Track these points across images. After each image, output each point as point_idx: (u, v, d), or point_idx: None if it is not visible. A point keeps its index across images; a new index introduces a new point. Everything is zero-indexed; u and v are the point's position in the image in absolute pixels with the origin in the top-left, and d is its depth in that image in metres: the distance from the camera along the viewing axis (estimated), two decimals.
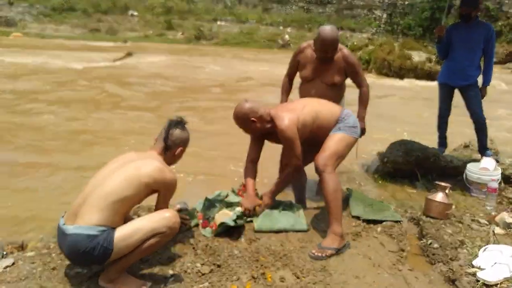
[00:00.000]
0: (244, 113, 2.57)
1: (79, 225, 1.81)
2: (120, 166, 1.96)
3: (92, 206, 1.83)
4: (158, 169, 1.95)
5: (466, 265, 2.20)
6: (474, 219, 2.83)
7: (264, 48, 20.51)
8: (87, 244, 1.77)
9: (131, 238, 1.83)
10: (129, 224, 1.89)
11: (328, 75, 3.11)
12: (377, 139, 5.06)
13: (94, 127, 5.72)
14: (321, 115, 2.67)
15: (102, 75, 10.06)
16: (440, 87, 4.27)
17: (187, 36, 21.99)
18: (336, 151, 2.57)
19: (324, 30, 2.96)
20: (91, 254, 1.79)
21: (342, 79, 3.15)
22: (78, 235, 1.79)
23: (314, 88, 3.14)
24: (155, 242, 1.87)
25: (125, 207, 1.91)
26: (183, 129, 2.15)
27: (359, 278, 2.15)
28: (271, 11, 24.92)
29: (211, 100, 8.16)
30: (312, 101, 2.84)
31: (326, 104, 2.81)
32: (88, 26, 22.72)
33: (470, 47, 3.92)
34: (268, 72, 11.69)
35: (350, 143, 2.67)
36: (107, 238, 1.80)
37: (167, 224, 1.88)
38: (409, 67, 12.81)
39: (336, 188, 2.47)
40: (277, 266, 2.17)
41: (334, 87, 3.14)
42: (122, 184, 1.87)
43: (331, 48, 2.98)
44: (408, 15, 21.97)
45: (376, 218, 2.80)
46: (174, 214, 1.96)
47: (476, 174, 3.51)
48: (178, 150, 2.13)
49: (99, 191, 1.86)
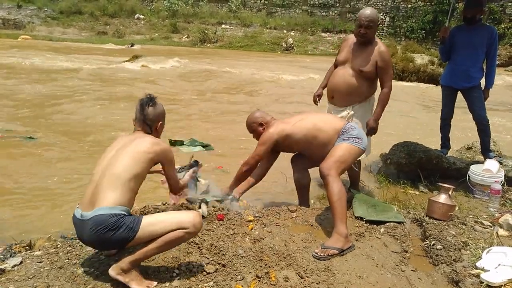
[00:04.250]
0: (254, 117, 3.01)
1: (99, 207, 1.86)
2: (121, 148, 2.04)
3: (107, 188, 1.90)
4: (155, 143, 2.08)
5: (470, 267, 2.20)
6: (478, 221, 2.84)
7: (268, 51, 20.57)
8: (113, 221, 1.83)
9: (156, 225, 1.90)
10: (156, 214, 2.00)
11: (358, 61, 3.16)
12: (380, 140, 5.08)
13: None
14: (318, 126, 2.83)
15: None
16: (443, 89, 4.28)
17: (192, 39, 22.11)
18: (340, 158, 2.62)
19: (364, 8, 3.21)
20: (115, 232, 1.83)
21: (371, 70, 3.14)
22: (102, 215, 1.84)
23: (341, 71, 3.23)
24: (176, 237, 1.92)
25: (137, 184, 1.99)
26: (155, 104, 2.21)
27: (362, 278, 2.16)
28: (275, 15, 25.01)
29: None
30: (312, 114, 3.02)
31: (328, 118, 2.97)
32: (95, 29, 22.91)
33: (473, 49, 3.94)
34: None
35: (355, 153, 2.70)
36: (135, 220, 1.87)
37: (192, 221, 1.94)
38: (411, 69, 12.89)
39: (340, 189, 2.51)
40: (281, 265, 2.19)
41: (361, 77, 3.16)
42: (131, 162, 1.96)
43: (366, 22, 3.06)
44: (411, 18, 21.97)
45: (379, 219, 2.82)
46: (199, 215, 2.03)
47: (479, 176, 3.52)
48: (158, 125, 2.22)
49: (110, 174, 1.93)
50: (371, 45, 3.14)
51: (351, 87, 3.17)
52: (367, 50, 3.13)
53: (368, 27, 3.07)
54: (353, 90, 3.17)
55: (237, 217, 2.73)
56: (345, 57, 3.24)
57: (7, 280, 1.98)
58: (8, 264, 2.13)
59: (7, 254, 2.25)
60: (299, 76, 12.48)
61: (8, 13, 22.73)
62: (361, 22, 3.07)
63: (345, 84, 3.19)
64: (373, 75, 3.17)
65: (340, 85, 3.22)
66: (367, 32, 3.09)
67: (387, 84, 3.19)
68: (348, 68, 3.20)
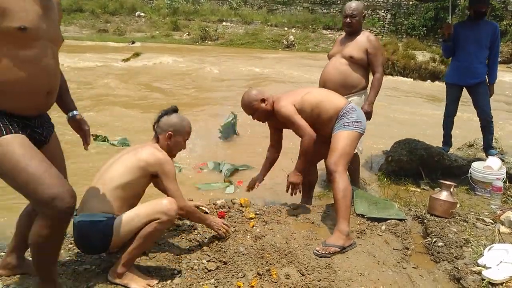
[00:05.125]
0: (253, 95, 2.76)
1: (83, 213, 1.90)
2: (119, 157, 2.06)
3: (93, 194, 1.93)
4: (152, 152, 2.04)
5: (471, 264, 2.20)
6: (479, 218, 2.83)
7: (269, 48, 20.52)
8: (89, 230, 1.86)
9: (128, 224, 1.89)
10: (128, 212, 1.94)
11: (348, 49, 3.26)
12: (382, 137, 5.07)
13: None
14: (322, 104, 2.73)
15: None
16: (448, 87, 4.25)
17: (193, 37, 22.06)
18: (344, 151, 2.60)
19: (350, 1, 3.36)
20: (92, 240, 1.87)
21: (361, 57, 3.22)
22: (83, 222, 1.88)
23: (333, 61, 3.33)
24: (153, 229, 1.90)
25: (126, 193, 1.96)
26: (170, 115, 2.19)
27: (363, 276, 2.16)
28: (276, 12, 24.90)
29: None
30: (317, 89, 2.94)
31: (331, 94, 2.85)
32: (96, 27, 22.88)
33: (478, 45, 3.92)
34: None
35: (355, 139, 2.68)
36: (107, 224, 1.87)
37: (162, 210, 1.90)
38: (413, 67, 12.85)
39: (346, 187, 2.50)
40: (282, 263, 2.19)
41: (353, 64, 3.24)
42: (122, 170, 1.96)
43: (350, 12, 3.23)
44: (412, 15, 21.85)
45: (380, 216, 2.81)
46: (171, 201, 1.97)
47: (481, 173, 3.51)
48: (167, 135, 2.13)
49: (100, 181, 1.96)
50: (359, 35, 3.29)
51: (343, 75, 3.23)
52: (356, 39, 3.28)
53: (352, 16, 3.24)
54: (345, 78, 3.23)
55: (238, 214, 2.74)
56: (336, 50, 3.39)
57: (9, 277, 1.99)
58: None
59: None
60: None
61: None
62: (346, 13, 3.29)
63: (337, 72, 3.25)
64: (364, 63, 3.26)
65: (332, 74, 3.28)
66: (352, 22, 3.26)
67: (379, 69, 3.28)
68: (339, 57, 3.29)
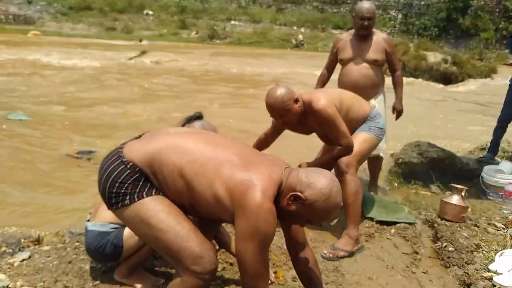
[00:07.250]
0: (285, 94, 2.24)
1: (94, 222, 1.89)
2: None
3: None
4: None
5: (482, 269, 2.16)
6: (491, 223, 2.78)
7: (277, 48, 20.48)
8: (99, 241, 1.85)
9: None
10: None
11: (369, 52, 3.18)
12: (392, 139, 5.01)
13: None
14: (355, 107, 2.56)
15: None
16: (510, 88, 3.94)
17: (201, 35, 22.10)
18: (360, 152, 2.49)
19: (361, 2, 3.24)
20: (102, 251, 1.86)
21: (383, 58, 3.20)
22: (93, 231, 1.87)
23: (356, 67, 3.19)
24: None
25: None
26: (191, 122, 2.10)
27: (372, 280, 2.13)
28: (285, 11, 24.85)
29: None
30: (347, 93, 2.72)
31: (359, 99, 2.69)
32: (104, 25, 23.02)
33: None
34: None
35: (374, 146, 2.62)
36: (117, 235, 1.85)
37: None
38: (424, 68, 12.66)
39: (357, 190, 2.43)
40: (289, 265, 2.16)
41: (375, 66, 3.19)
42: None
43: (368, 14, 3.11)
44: (424, 15, 21.65)
45: (389, 219, 2.78)
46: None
47: (493, 177, 3.45)
48: None
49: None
50: (373, 36, 3.21)
51: (370, 80, 3.17)
52: (373, 42, 3.19)
53: (370, 19, 3.14)
54: (373, 82, 3.18)
55: None
56: (352, 54, 3.21)
57: (16, 274, 2.00)
58: (17, 258, 2.15)
59: (16, 249, 2.27)
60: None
61: (19, 9, 22.93)
62: (364, 15, 3.12)
63: (364, 78, 3.16)
64: (384, 62, 3.24)
65: (360, 80, 3.15)
66: (370, 24, 3.15)
67: (398, 66, 3.32)
68: (360, 61, 3.19)
